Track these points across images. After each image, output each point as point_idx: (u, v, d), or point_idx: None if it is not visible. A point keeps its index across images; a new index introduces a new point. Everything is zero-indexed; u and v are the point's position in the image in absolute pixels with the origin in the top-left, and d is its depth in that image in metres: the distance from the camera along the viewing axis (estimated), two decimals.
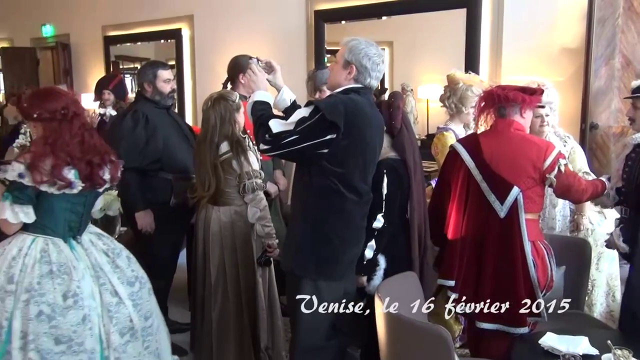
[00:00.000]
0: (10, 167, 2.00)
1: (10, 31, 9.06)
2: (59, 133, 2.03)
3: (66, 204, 2.08)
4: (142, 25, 6.89)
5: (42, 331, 1.91)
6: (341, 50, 2.17)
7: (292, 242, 2.21)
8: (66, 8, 7.85)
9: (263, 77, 2.29)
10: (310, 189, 2.13)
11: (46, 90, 2.17)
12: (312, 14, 5.35)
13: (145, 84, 3.13)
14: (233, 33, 5.93)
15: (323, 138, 2.01)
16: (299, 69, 5.35)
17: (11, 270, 1.98)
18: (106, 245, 2.25)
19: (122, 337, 2.10)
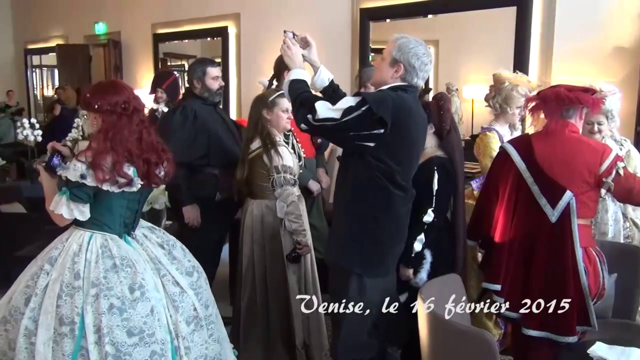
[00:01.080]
0: (72, 166, 1.98)
1: (65, 29, 9.39)
2: (118, 128, 2.02)
3: (123, 201, 2.09)
4: (190, 23, 7.03)
5: (115, 324, 1.91)
6: (389, 47, 2.14)
7: (337, 237, 2.20)
8: (118, 6, 8.09)
9: (298, 52, 2.23)
10: (356, 184, 2.12)
11: (110, 82, 2.19)
12: (358, 12, 5.34)
13: (194, 80, 3.17)
14: (278, 31, 5.89)
15: (370, 132, 2.00)
16: (343, 68, 5.35)
17: (76, 267, 1.97)
18: (160, 238, 2.26)
19: (189, 326, 2.11)
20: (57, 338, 1.89)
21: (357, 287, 2.14)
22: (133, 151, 2.05)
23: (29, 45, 10.41)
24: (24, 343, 1.88)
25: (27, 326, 1.89)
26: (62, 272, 1.96)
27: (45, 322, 1.89)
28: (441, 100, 2.48)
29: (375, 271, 2.16)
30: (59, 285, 1.94)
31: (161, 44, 7.65)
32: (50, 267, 1.99)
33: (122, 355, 1.90)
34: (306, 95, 2.12)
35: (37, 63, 10.59)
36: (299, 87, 2.15)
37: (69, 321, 1.90)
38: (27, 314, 1.91)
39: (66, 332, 1.89)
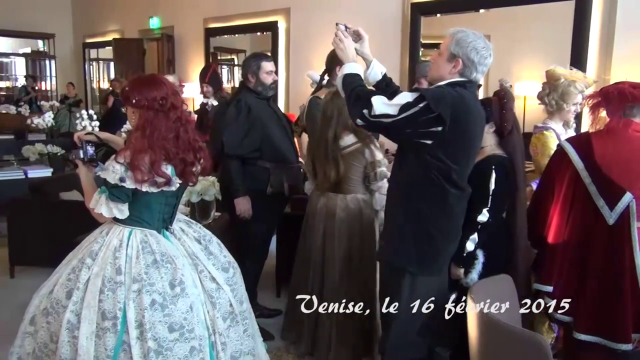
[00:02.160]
0: (111, 168, 1.93)
1: (121, 23, 9.69)
2: (155, 125, 1.96)
3: (161, 198, 2.06)
4: (241, 17, 7.12)
5: (157, 320, 1.89)
6: (446, 41, 2.07)
7: (391, 235, 2.18)
8: (172, 1, 8.28)
9: (351, 44, 2.19)
10: (412, 181, 2.08)
11: (149, 77, 2.09)
12: (409, 6, 5.29)
13: (248, 74, 3.20)
14: (328, 26, 5.90)
15: (427, 129, 1.95)
16: (393, 63, 5.31)
17: (117, 262, 1.95)
18: (197, 233, 2.22)
19: (225, 322, 2.09)
20: (99, 332, 1.88)
21: (410, 285, 2.12)
22: (170, 150, 1.99)
23: (87, 39, 10.81)
24: (66, 336, 1.88)
25: (70, 319, 1.89)
26: (104, 267, 1.95)
27: (87, 316, 1.88)
28: (504, 98, 2.41)
29: (428, 270, 2.13)
30: (100, 280, 1.92)
31: (212, 38, 7.79)
32: (92, 261, 1.97)
33: (164, 350, 1.89)
34: (361, 90, 2.07)
35: (95, 56, 10.98)
36: (353, 81, 2.11)
37: (112, 316, 1.89)
38: (69, 308, 1.90)
39: (109, 326, 1.88)
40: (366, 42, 2.30)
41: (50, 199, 4.03)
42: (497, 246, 2.35)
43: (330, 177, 2.75)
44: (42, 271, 4.09)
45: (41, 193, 4.04)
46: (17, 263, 4.06)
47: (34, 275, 4.07)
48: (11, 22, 10.56)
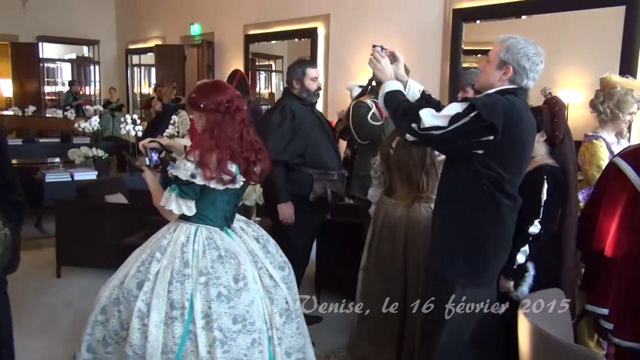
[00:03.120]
0: (182, 166, 2.06)
1: (163, 30, 9.92)
2: (222, 126, 2.10)
3: (225, 196, 2.18)
4: (280, 24, 7.19)
5: (222, 311, 1.99)
6: (495, 48, 2.04)
7: (440, 246, 2.14)
8: (213, 8, 8.43)
9: (388, 64, 2.21)
10: (462, 191, 2.04)
11: (214, 83, 2.27)
12: (451, 12, 5.23)
13: (293, 81, 3.21)
14: (367, 32, 5.98)
15: (479, 139, 1.92)
16: (433, 70, 5.27)
17: (185, 256, 2.06)
18: (255, 232, 2.34)
19: (281, 318, 2.18)
20: (167, 321, 1.99)
21: (458, 297, 2.07)
22: (235, 149, 2.12)
23: (130, 45, 11.11)
24: (137, 324, 1.99)
25: (140, 308, 2.00)
26: (172, 261, 2.06)
27: (157, 305, 1.99)
28: (555, 106, 2.35)
29: (478, 282, 2.09)
30: (169, 272, 2.04)
31: (251, 44, 7.88)
32: (161, 255, 2.09)
33: (228, 340, 1.98)
34: (407, 104, 2.07)
35: (137, 62, 11.27)
36: (397, 97, 2.11)
37: (180, 306, 1.99)
38: (140, 297, 2.01)
39: (177, 316, 1.98)
40: (401, 63, 2.31)
41: (95, 201, 4.13)
42: (548, 259, 2.28)
43: (423, 186, 2.65)
44: (86, 272, 4.22)
45: (87, 195, 4.15)
46: (63, 263, 4.18)
47: (79, 275, 4.20)
48: (58, 29, 10.95)
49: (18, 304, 3.47)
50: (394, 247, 2.75)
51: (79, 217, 4.09)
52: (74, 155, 5.67)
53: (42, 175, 5.32)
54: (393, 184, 2.83)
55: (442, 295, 2.10)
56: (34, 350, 3.06)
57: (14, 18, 9.93)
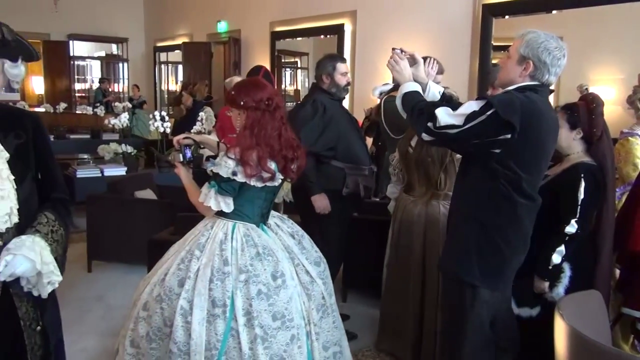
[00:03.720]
0: (224, 163, 2.07)
1: (190, 27, 10.01)
2: (262, 124, 2.10)
3: (262, 193, 2.17)
4: (306, 21, 7.19)
5: (263, 309, 2.01)
6: (515, 43, 1.98)
7: (456, 247, 2.10)
8: (240, 5, 8.47)
9: (407, 66, 2.18)
10: (478, 191, 1.99)
11: (253, 80, 2.27)
12: (480, 7, 5.16)
13: (323, 75, 3.18)
14: (395, 28, 5.93)
15: (495, 137, 1.86)
16: (461, 66, 5.20)
17: (224, 253, 2.07)
18: (290, 228, 2.33)
19: (318, 314, 2.19)
20: (210, 318, 2.00)
21: (472, 298, 2.04)
22: (274, 147, 2.12)
23: (157, 43, 11.24)
24: (180, 321, 2.00)
25: (183, 306, 2.01)
26: (212, 258, 2.07)
27: (199, 303, 2.00)
28: (593, 103, 2.29)
29: (494, 284, 2.04)
30: (209, 270, 2.04)
31: (277, 41, 7.90)
32: (200, 252, 2.10)
33: (269, 337, 2.00)
34: (423, 104, 2.04)
35: (164, 60, 11.39)
36: (414, 97, 2.08)
37: (221, 303, 2.01)
38: (182, 295, 2.03)
39: (218, 313, 2.00)
40: (421, 66, 2.28)
41: (126, 197, 4.19)
42: (584, 259, 2.23)
43: (440, 184, 2.65)
44: (116, 266, 4.29)
45: (117, 191, 4.21)
46: (94, 258, 4.25)
47: (109, 270, 4.27)
48: (88, 28, 11.14)
49: None
50: (412, 245, 2.77)
51: (109, 212, 4.14)
52: (104, 151, 5.77)
53: (73, 171, 5.42)
54: (411, 181, 2.84)
55: (459, 297, 2.07)
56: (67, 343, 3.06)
57: (46, 17, 10.13)
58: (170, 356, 2.01)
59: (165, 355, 2.05)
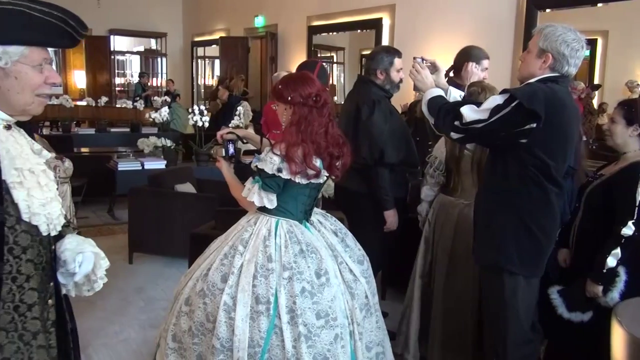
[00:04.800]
0: (269, 160, 2.04)
1: (228, 22, 10.07)
2: (309, 120, 2.06)
3: (306, 190, 2.14)
4: (344, 15, 7.14)
5: (306, 306, 1.98)
6: (534, 38, 2.05)
7: (490, 235, 2.12)
8: (277, 0, 8.47)
9: (428, 74, 2.28)
10: (509, 181, 2.04)
11: (300, 75, 2.21)
12: (524, 0, 5.02)
13: (378, 71, 2.94)
14: (435, 22, 5.83)
15: (522, 127, 1.92)
16: (505, 60, 5.07)
17: (267, 250, 2.04)
18: (333, 226, 2.28)
19: (361, 313, 2.15)
20: (253, 315, 1.99)
21: (513, 286, 2.08)
22: (321, 144, 2.08)
23: (195, 37, 11.37)
24: (223, 317, 1.99)
25: (226, 302, 2.00)
26: (255, 254, 2.05)
27: (242, 299, 1.99)
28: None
29: (532, 271, 2.09)
30: (253, 266, 2.02)
31: (314, 36, 7.87)
32: (243, 248, 2.08)
33: (312, 336, 1.97)
34: (448, 104, 2.12)
35: (201, 54, 11.52)
36: (438, 101, 2.17)
37: (265, 300, 1.98)
38: (225, 291, 2.01)
39: (262, 310, 1.98)
40: (442, 73, 2.39)
41: (166, 190, 4.24)
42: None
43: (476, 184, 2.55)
44: (156, 259, 4.35)
45: (158, 184, 4.27)
46: (135, 250, 4.33)
47: (149, 262, 4.34)
48: (128, 23, 11.35)
49: None
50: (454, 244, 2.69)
51: (150, 205, 4.20)
52: (143, 145, 5.85)
53: (115, 163, 5.52)
54: (463, 184, 2.71)
55: (499, 287, 2.11)
56: (109, 333, 3.19)
57: (89, 13, 10.27)
58: (213, 352, 2.00)
59: (208, 351, 2.04)
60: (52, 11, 1.22)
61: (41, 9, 1.21)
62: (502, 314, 2.12)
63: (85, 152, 7.01)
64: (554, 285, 2.31)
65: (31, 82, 1.27)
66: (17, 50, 1.23)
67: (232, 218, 2.39)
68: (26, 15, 1.19)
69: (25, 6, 1.19)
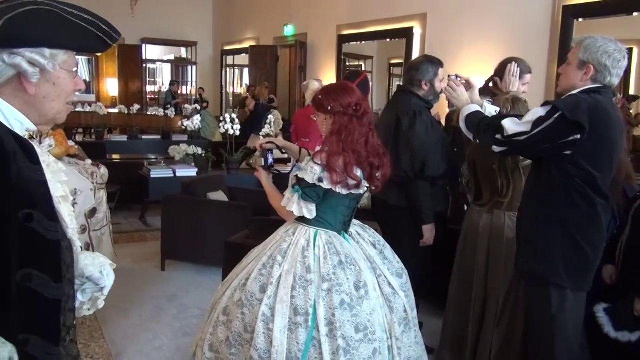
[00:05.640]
0: (310, 169, 2.04)
1: (258, 31, 10.16)
2: (349, 130, 2.06)
3: (346, 200, 2.13)
4: (375, 24, 7.12)
5: (345, 319, 1.96)
6: (574, 50, 2.06)
7: (536, 247, 2.10)
8: (307, 9, 8.51)
9: (464, 91, 2.33)
10: (555, 193, 2.03)
11: (340, 85, 2.22)
12: (560, 9, 4.93)
13: (423, 82, 2.87)
14: (467, 32, 5.78)
15: (566, 139, 1.93)
16: (538, 71, 4.97)
17: (306, 261, 2.03)
18: (372, 237, 2.27)
19: (400, 327, 2.12)
20: (291, 327, 1.97)
21: (560, 300, 2.05)
22: (361, 153, 2.07)
23: (225, 46, 11.49)
24: (262, 328, 1.98)
25: (265, 312, 1.99)
26: (294, 265, 2.04)
27: (281, 310, 1.97)
28: None
29: (579, 284, 2.06)
30: (292, 277, 2.01)
31: (344, 44, 7.88)
32: (282, 258, 2.07)
33: (351, 349, 1.95)
34: (488, 119, 2.14)
35: (231, 63, 11.64)
36: (477, 116, 2.20)
37: (303, 312, 1.97)
38: (264, 301, 2.00)
39: (300, 322, 1.96)
40: (476, 90, 2.44)
41: (200, 198, 4.27)
42: None
43: (503, 193, 2.56)
44: (188, 267, 4.38)
45: (191, 192, 4.29)
46: (167, 257, 4.35)
47: (181, 269, 4.36)
48: (160, 32, 11.54)
49: (128, 294, 3.70)
50: (476, 257, 2.68)
51: (184, 213, 4.22)
52: (174, 152, 5.90)
53: (147, 170, 5.59)
54: (479, 190, 2.74)
55: (545, 301, 2.07)
56: (143, 341, 3.21)
57: (122, 22, 10.44)
58: None
59: None
60: (83, 15, 1.17)
61: (75, 13, 1.16)
62: (548, 330, 2.07)
63: (117, 159, 7.12)
64: (599, 303, 2.25)
65: (67, 88, 1.20)
66: (60, 55, 1.16)
67: (267, 227, 2.39)
68: (62, 18, 1.14)
69: (61, 9, 1.14)
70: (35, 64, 1.11)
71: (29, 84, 1.13)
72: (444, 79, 2.91)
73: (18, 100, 1.14)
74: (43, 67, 1.12)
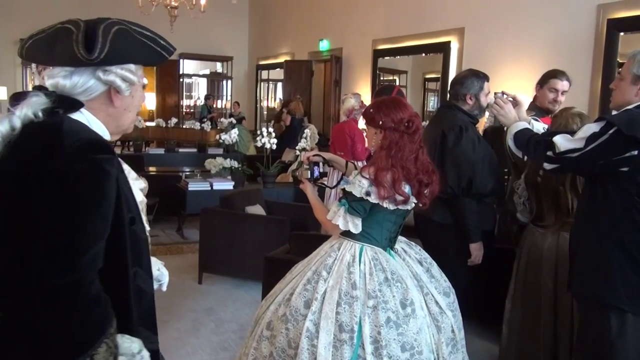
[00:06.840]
0: (357, 182, 2.04)
1: (293, 46, 10.25)
2: (400, 146, 2.05)
3: (392, 216, 2.11)
4: (410, 38, 7.10)
5: (392, 338, 1.93)
6: (627, 64, 1.98)
7: (592, 267, 2.01)
8: (342, 24, 8.55)
9: (511, 109, 2.33)
10: (612, 212, 1.95)
11: (393, 100, 2.20)
12: (604, 22, 4.82)
13: (468, 96, 2.81)
14: (506, 47, 5.70)
15: (622, 155, 1.86)
16: (582, 85, 4.86)
17: (352, 277, 2.01)
18: (418, 255, 2.24)
19: (447, 348, 2.07)
20: (336, 344, 1.95)
21: (619, 324, 1.94)
22: (411, 170, 2.06)
23: (260, 61, 11.63)
24: (306, 344, 1.96)
25: (309, 328, 1.97)
26: (339, 281, 2.02)
27: (325, 326, 1.95)
28: None
29: None
30: (337, 293, 1.99)
31: (379, 59, 7.87)
32: (327, 274, 2.05)
33: None
34: (538, 136, 2.11)
35: (265, 77, 11.76)
36: (526, 133, 2.18)
37: (348, 329, 1.94)
38: (308, 317, 1.98)
39: (345, 339, 1.94)
40: (523, 107, 2.43)
41: (238, 211, 4.28)
42: None
43: (572, 211, 2.43)
44: (225, 280, 4.38)
45: (229, 205, 4.31)
46: (205, 270, 4.36)
47: (218, 283, 4.37)
48: (197, 47, 11.74)
49: (166, 307, 3.71)
50: (542, 282, 2.55)
51: (222, 226, 4.23)
52: (210, 165, 5.96)
53: (185, 183, 5.66)
54: (540, 211, 2.62)
55: (603, 325, 1.96)
56: (182, 355, 3.22)
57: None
58: None
59: None
60: (144, 31, 1.24)
61: (138, 30, 1.23)
62: (606, 357, 1.97)
63: (154, 171, 7.24)
64: None
65: (140, 101, 1.31)
66: (140, 69, 1.27)
67: (308, 242, 2.38)
68: (133, 35, 1.22)
69: (128, 26, 1.22)
70: (126, 79, 1.21)
71: (117, 97, 1.23)
72: (489, 93, 2.87)
73: (102, 112, 1.23)
74: (133, 82, 1.23)
